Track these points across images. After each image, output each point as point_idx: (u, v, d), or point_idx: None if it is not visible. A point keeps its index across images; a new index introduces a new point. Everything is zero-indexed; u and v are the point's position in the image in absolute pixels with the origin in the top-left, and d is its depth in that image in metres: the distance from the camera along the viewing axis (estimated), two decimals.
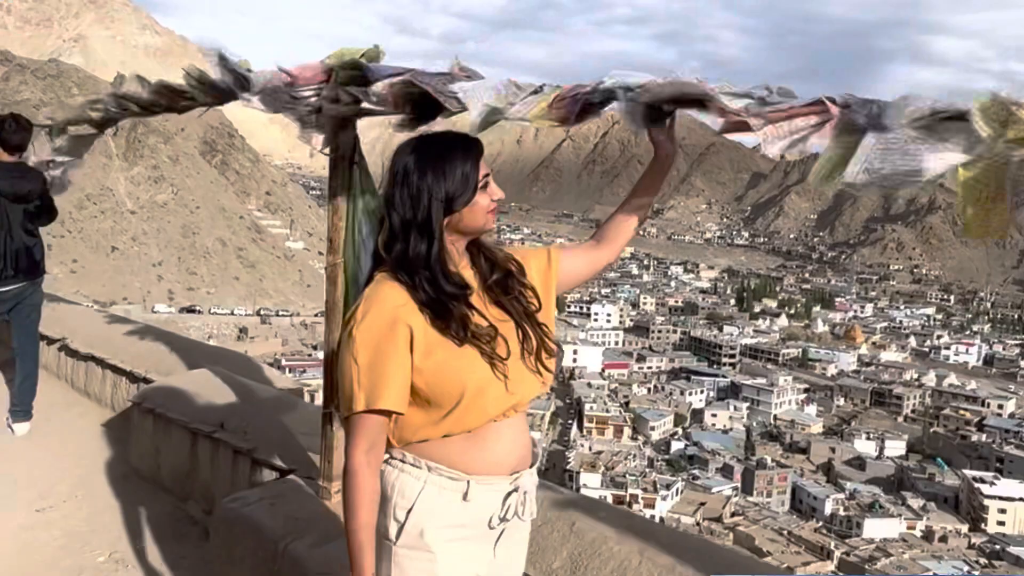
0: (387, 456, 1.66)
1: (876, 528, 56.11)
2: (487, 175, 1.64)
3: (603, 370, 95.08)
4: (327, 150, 2.69)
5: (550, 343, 1.72)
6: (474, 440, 1.63)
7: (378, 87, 2.30)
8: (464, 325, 1.59)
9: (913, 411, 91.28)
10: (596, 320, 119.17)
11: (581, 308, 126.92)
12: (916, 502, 62.28)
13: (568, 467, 59.01)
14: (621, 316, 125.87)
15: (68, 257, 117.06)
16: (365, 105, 2.36)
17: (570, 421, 76.86)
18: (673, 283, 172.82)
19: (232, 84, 2.69)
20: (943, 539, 56.94)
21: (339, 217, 2.75)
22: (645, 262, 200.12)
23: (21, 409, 4.93)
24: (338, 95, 2.41)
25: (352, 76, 2.39)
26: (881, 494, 63.40)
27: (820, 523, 58.87)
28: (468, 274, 1.68)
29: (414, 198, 1.58)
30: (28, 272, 4.75)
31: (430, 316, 1.58)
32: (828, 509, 60.66)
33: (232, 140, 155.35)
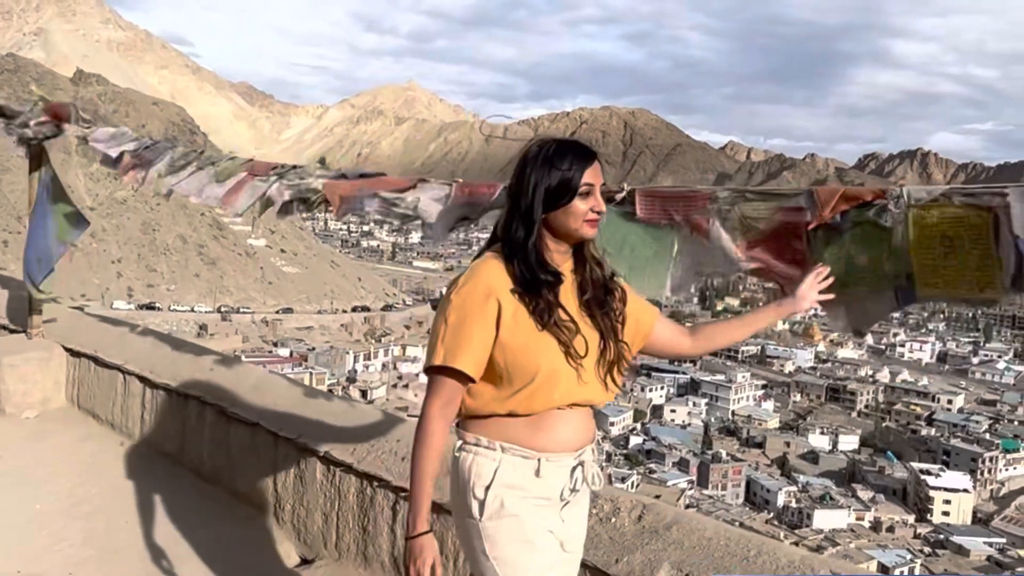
0: (460, 443, 1.79)
1: (826, 519, 57.50)
2: (591, 185, 1.75)
3: None
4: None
5: (626, 361, 1.86)
6: (539, 423, 1.75)
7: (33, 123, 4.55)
8: (548, 310, 1.72)
9: (866, 406, 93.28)
10: None
11: None
12: (866, 494, 63.82)
13: None
14: None
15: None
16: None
17: None
18: None
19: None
20: (890, 529, 58.47)
21: (33, 191, 4.96)
22: None
23: None
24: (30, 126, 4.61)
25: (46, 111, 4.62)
26: (833, 486, 64.85)
27: (772, 515, 60.18)
28: (568, 276, 1.81)
29: (523, 188, 1.75)
30: None
31: (520, 295, 1.72)
32: (780, 501, 61.98)
33: (194, 136, 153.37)
